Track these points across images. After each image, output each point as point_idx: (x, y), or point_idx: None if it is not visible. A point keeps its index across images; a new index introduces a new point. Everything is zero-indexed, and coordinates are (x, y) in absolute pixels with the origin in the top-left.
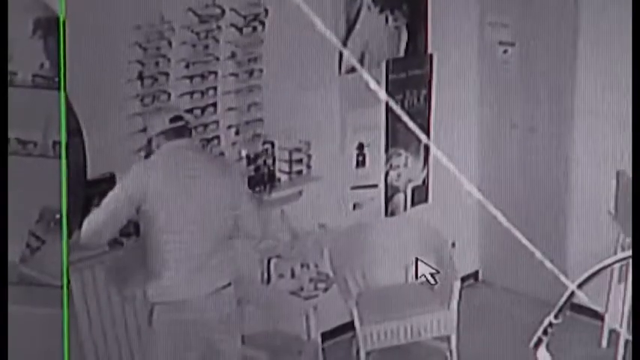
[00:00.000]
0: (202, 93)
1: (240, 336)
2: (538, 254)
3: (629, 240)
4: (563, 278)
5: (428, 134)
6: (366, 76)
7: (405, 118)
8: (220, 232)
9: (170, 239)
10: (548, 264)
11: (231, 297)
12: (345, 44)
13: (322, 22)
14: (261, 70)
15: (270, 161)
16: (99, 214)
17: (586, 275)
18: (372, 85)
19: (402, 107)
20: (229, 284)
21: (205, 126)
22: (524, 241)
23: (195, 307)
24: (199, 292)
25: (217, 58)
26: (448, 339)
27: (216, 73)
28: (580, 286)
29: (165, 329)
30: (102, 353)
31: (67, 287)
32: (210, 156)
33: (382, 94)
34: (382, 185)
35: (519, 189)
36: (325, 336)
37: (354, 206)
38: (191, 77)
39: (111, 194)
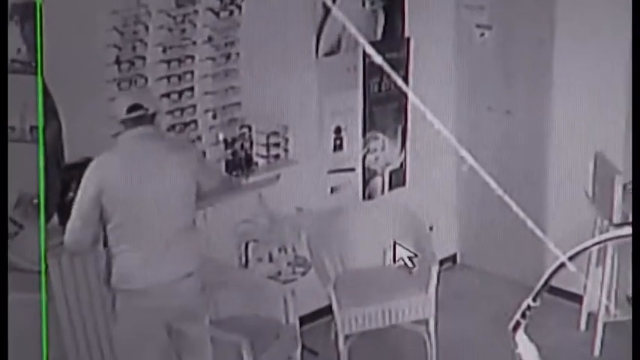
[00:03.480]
0: (179, 77)
1: (206, 322)
2: (530, 223)
3: (607, 222)
4: (553, 247)
5: (405, 117)
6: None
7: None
8: (181, 220)
9: (129, 227)
10: (539, 233)
11: (194, 286)
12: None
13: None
14: (238, 54)
15: (247, 145)
16: (74, 221)
17: (578, 249)
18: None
19: (379, 91)
20: (192, 273)
21: (182, 110)
22: (515, 207)
23: (157, 294)
24: (160, 280)
25: (194, 42)
26: (426, 322)
27: (193, 57)
28: (570, 259)
29: (127, 316)
30: (80, 338)
31: (46, 272)
32: (172, 143)
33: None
34: (360, 169)
35: (496, 172)
36: (303, 320)
37: (332, 190)
38: (168, 61)
39: (76, 198)
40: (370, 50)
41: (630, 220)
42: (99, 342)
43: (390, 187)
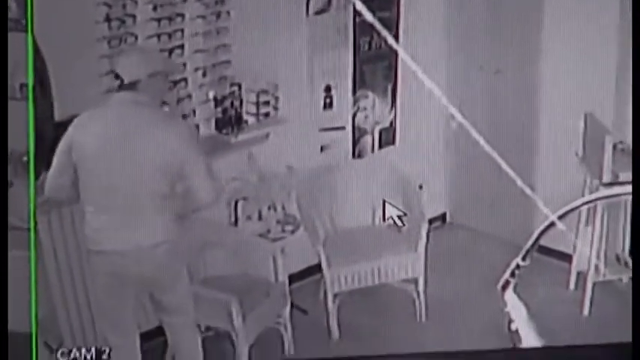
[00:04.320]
0: (169, 35)
1: (182, 289)
2: (519, 182)
3: (596, 182)
4: (542, 206)
5: (396, 75)
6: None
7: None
8: (155, 188)
9: (94, 189)
10: (528, 192)
11: (166, 255)
12: None
13: None
14: (228, 13)
15: (237, 103)
16: (53, 170)
17: (567, 208)
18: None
19: (370, 49)
20: (165, 242)
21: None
22: (505, 166)
23: (125, 259)
24: (127, 245)
25: (184, 0)
26: (415, 281)
27: (183, 15)
28: (559, 218)
29: (97, 276)
30: (69, 295)
31: (35, 229)
32: (163, 117)
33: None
34: (349, 127)
35: (486, 132)
36: (293, 278)
37: (322, 148)
38: (158, 19)
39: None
40: (361, 8)
41: (620, 179)
42: (87, 299)
43: (380, 146)
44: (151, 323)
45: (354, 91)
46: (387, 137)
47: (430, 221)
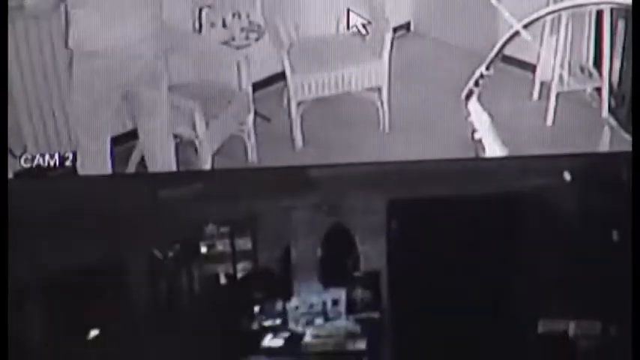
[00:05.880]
0: None
1: (164, 88)
2: None
3: None
4: (507, 15)
5: None
6: None
7: None
8: None
9: None
10: (493, 1)
11: (152, 50)
12: None
13: None
14: None
15: None
16: None
17: (532, 17)
18: None
19: None
20: (149, 37)
21: None
22: None
23: (115, 56)
24: (118, 42)
25: None
26: (379, 90)
27: None
28: (524, 28)
29: (84, 78)
30: (33, 107)
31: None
32: None
33: None
34: None
35: None
36: (256, 86)
37: None
38: None
39: None
40: None
41: None
42: (61, 102)
43: None
44: (124, 127)
45: None
46: None
47: (394, 30)
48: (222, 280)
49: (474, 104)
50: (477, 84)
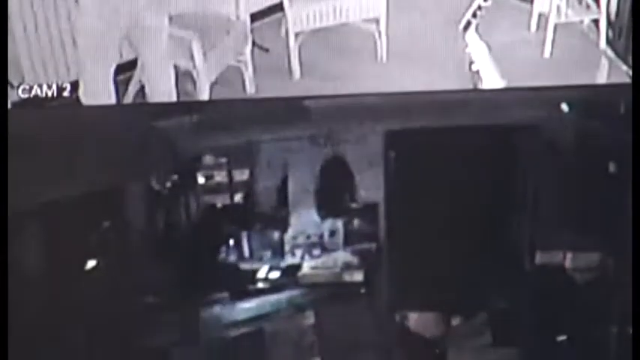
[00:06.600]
0: None
1: (167, 15)
2: None
3: None
4: None
5: None
6: None
7: None
8: None
9: None
10: None
11: None
12: None
13: None
14: None
15: None
16: None
17: None
18: None
19: None
20: None
21: None
22: None
23: None
24: None
25: None
26: (377, 21)
27: None
28: None
29: (92, 4)
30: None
31: None
32: None
33: None
34: None
35: None
36: (254, 17)
37: None
38: None
39: None
40: None
41: None
42: (50, 39)
43: None
44: (128, 56)
45: None
46: None
47: None
48: (219, 211)
49: (471, 35)
50: (474, 15)
